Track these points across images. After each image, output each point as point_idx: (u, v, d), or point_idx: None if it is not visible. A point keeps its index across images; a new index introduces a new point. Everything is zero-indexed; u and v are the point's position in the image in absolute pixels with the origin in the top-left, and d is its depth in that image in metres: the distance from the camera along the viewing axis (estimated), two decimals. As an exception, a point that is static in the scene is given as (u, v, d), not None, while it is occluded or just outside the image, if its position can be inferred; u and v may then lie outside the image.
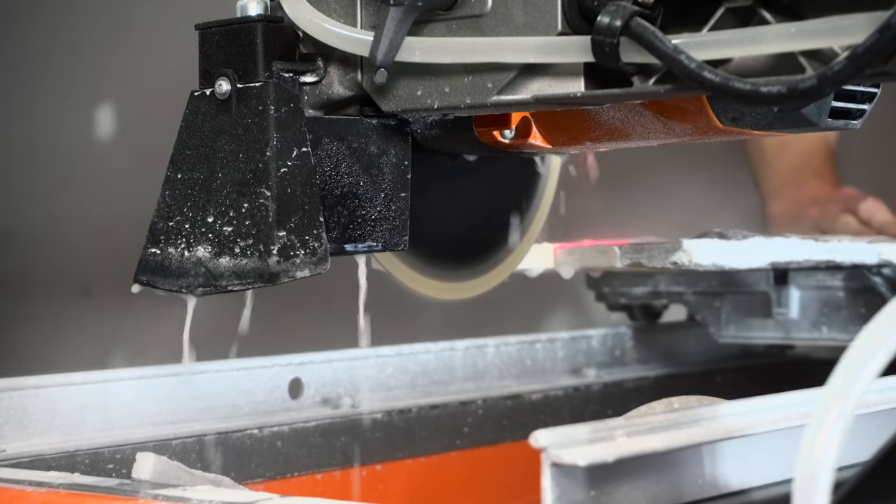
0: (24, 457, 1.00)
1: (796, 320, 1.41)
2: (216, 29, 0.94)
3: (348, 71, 0.94)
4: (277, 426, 1.15)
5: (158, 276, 0.91)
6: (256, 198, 0.89)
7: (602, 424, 0.69)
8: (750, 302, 1.45)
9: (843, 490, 0.62)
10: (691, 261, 1.13)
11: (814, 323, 1.40)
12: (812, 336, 1.40)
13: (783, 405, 0.80)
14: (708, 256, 1.16)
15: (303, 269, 0.89)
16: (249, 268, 0.89)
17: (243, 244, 0.89)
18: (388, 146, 0.98)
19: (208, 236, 0.90)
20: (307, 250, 0.89)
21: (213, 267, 0.90)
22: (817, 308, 1.39)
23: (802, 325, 1.41)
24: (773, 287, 1.41)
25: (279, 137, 0.90)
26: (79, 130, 2.06)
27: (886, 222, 1.87)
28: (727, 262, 1.17)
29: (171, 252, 0.91)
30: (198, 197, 0.91)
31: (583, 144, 1.05)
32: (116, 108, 2.09)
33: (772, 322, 1.43)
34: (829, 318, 1.39)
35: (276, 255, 0.88)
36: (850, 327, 1.36)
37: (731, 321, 1.46)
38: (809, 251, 1.29)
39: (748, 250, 1.21)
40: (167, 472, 0.89)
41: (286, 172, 0.89)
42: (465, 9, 0.89)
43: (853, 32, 0.75)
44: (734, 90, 0.78)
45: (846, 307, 1.38)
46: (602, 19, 0.82)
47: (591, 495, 0.69)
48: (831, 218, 1.90)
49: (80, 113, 2.07)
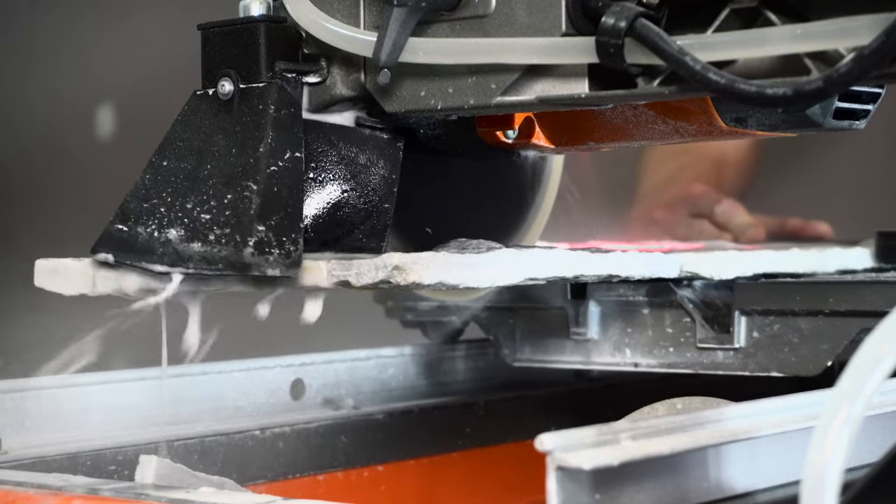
0: (26, 458, 1.00)
1: (597, 341, 1.17)
2: (219, 29, 0.94)
3: (351, 71, 0.94)
4: (279, 427, 1.15)
5: (121, 250, 0.91)
6: (242, 190, 0.89)
7: (607, 427, 0.69)
8: (546, 320, 1.21)
9: (851, 492, 0.61)
10: (407, 279, 0.92)
11: (616, 344, 1.16)
12: (615, 360, 1.16)
13: (789, 407, 0.79)
14: (433, 273, 0.93)
15: (274, 267, 0.89)
16: (221, 255, 0.89)
17: (219, 232, 0.89)
18: (379, 158, 0.98)
19: (184, 221, 0.90)
20: (282, 251, 0.89)
21: (183, 249, 0.89)
22: (620, 327, 1.16)
23: (604, 346, 1.17)
24: (570, 302, 1.18)
25: (274, 136, 0.90)
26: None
27: (743, 224, 1.73)
28: (459, 280, 0.94)
29: (140, 231, 0.91)
30: (181, 184, 0.91)
31: (586, 145, 1.05)
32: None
33: (570, 343, 1.19)
34: (633, 338, 1.15)
35: (252, 247, 0.88)
36: (656, 350, 1.14)
37: (527, 342, 1.22)
38: (581, 265, 1.01)
39: (487, 265, 0.96)
40: (170, 475, 0.89)
41: (276, 171, 0.89)
42: (468, 9, 0.88)
43: (859, 34, 0.74)
44: (740, 91, 0.77)
45: (651, 326, 1.15)
46: (606, 20, 0.82)
47: (595, 499, 0.68)
48: (685, 223, 1.76)
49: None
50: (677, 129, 0.96)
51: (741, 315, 1.09)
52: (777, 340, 1.08)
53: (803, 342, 1.07)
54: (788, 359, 1.07)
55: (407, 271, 0.92)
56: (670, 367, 1.12)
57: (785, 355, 1.07)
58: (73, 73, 2.12)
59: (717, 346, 1.10)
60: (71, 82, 2.11)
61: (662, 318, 1.14)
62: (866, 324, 1.04)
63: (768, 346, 1.08)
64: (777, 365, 1.07)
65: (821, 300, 1.06)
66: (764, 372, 1.08)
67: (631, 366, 1.15)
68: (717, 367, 1.10)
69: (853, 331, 1.05)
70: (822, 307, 1.06)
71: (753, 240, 1.69)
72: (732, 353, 1.09)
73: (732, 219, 1.75)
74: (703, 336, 1.11)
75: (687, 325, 1.12)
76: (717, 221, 1.76)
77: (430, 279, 0.93)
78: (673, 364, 1.12)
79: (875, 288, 1.05)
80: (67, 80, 2.11)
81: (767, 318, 1.08)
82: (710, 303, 1.12)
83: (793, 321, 1.07)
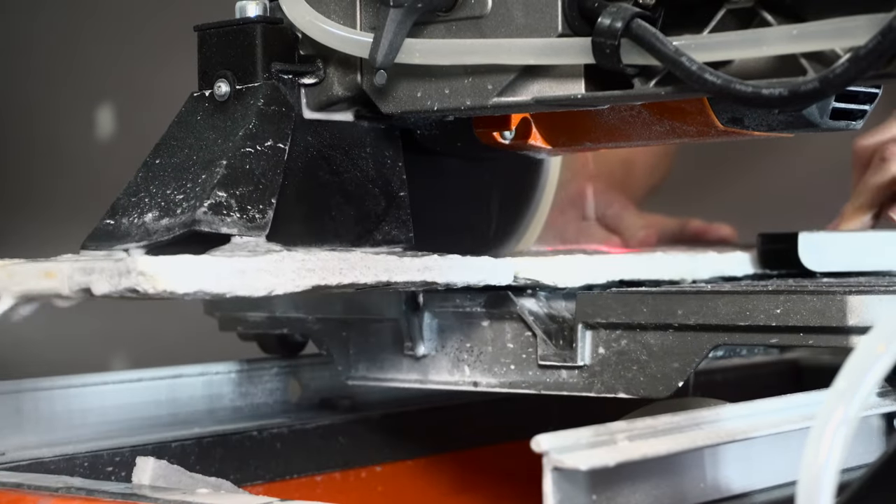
0: (23, 460, 1.00)
1: (433, 357, 1.04)
2: (215, 30, 0.94)
3: (348, 72, 0.94)
4: (277, 428, 1.15)
5: (103, 240, 0.91)
6: (214, 167, 0.89)
7: (604, 428, 0.69)
8: (380, 333, 1.08)
9: (847, 493, 0.61)
10: (156, 287, 0.79)
11: (454, 361, 1.03)
12: (452, 378, 1.03)
13: (785, 408, 0.79)
14: (191, 281, 0.80)
15: (232, 227, 0.87)
16: (180, 221, 0.87)
17: (186, 205, 0.88)
18: (383, 148, 0.98)
19: (161, 204, 0.90)
20: (245, 216, 0.88)
21: (153, 227, 0.89)
22: (458, 342, 1.03)
23: (441, 363, 1.04)
24: (405, 314, 1.05)
25: (256, 125, 0.90)
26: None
27: (634, 226, 1.60)
28: (226, 288, 0.82)
29: (123, 221, 0.91)
30: (167, 176, 0.91)
31: (583, 145, 1.05)
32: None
33: (406, 360, 1.06)
34: (472, 354, 1.02)
35: (206, 207, 0.87)
36: (496, 368, 1.01)
37: (361, 358, 1.09)
38: (389, 270, 0.90)
39: (261, 270, 0.84)
40: (167, 476, 0.89)
41: (251, 153, 0.89)
42: (465, 10, 0.88)
43: (855, 34, 0.74)
44: (736, 92, 0.77)
45: (491, 341, 1.01)
46: (603, 21, 0.82)
47: (592, 499, 0.68)
48: (575, 226, 1.62)
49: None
50: (674, 130, 0.96)
51: (585, 329, 0.96)
52: (625, 358, 0.94)
53: (652, 360, 0.93)
54: (637, 378, 0.94)
55: (155, 278, 0.80)
56: (511, 386, 1.00)
57: (634, 374, 0.94)
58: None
59: (559, 364, 0.97)
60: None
61: (503, 331, 1.01)
62: (720, 339, 0.90)
63: (615, 363, 0.95)
64: (624, 385, 0.94)
65: (669, 312, 0.92)
66: (610, 393, 0.95)
67: (470, 385, 1.03)
68: (560, 388, 0.97)
69: (705, 347, 0.91)
70: (670, 320, 0.92)
71: (644, 243, 1.57)
72: (577, 371, 0.96)
73: (622, 221, 1.62)
74: (545, 352, 0.98)
75: (529, 339, 0.99)
76: (607, 224, 1.63)
77: (188, 287, 0.81)
78: (514, 383, 1.00)
79: (728, 298, 0.90)
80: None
81: (614, 333, 0.95)
82: (556, 315, 1.00)
83: (641, 336, 0.93)
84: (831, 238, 1.16)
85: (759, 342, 0.89)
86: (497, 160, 1.10)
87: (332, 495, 1.17)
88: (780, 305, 0.88)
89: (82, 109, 2.44)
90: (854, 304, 0.86)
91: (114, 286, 0.80)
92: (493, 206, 1.14)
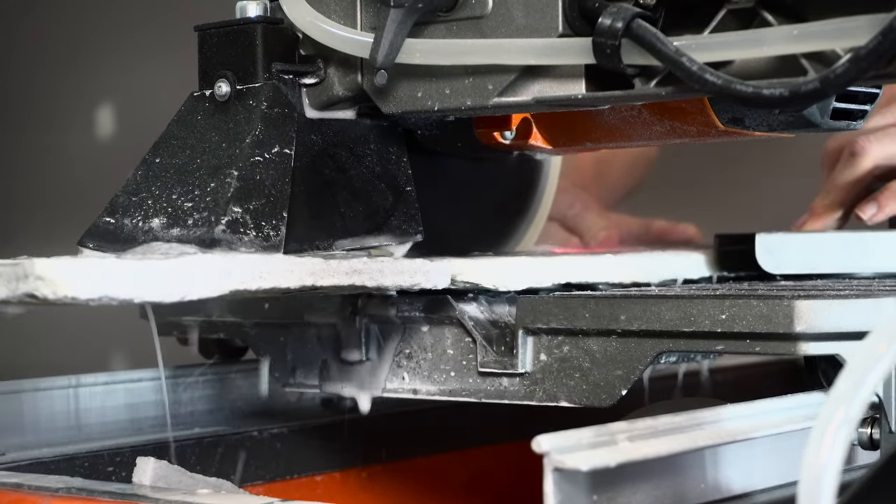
0: (23, 460, 1.00)
1: (372, 364, 1.00)
2: (215, 30, 0.94)
3: (348, 72, 0.94)
4: (277, 428, 1.15)
5: (106, 241, 0.90)
6: (224, 177, 0.89)
7: (604, 429, 0.69)
8: (318, 338, 1.03)
9: (848, 494, 0.61)
10: (57, 293, 0.74)
11: (392, 368, 1.00)
12: (392, 386, 0.99)
13: (786, 408, 0.79)
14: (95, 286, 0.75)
15: (249, 247, 0.86)
16: (194, 236, 0.87)
17: (197, 217, 0.88)
18: (386, 144, 0.98)
19: (167, 210, 0.89)
20: (260, 234, 0.87)
21: (161, 235, 0.88)
22: (397, 348, 0.99)
23: (380, 370, 1.00)
24: (343, 318, 1.01)
25: (263, 130, 0.90)
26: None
27: (594, 227, 1.55)
28: (133, 294, 0.77)
29: (126, 223, 0.90)
30: (170, 178, 0.91)
31: (583, 145, 1.05)
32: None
33: (345, 367, 1.02)
34: (412, 361, 0.99)
35: (224, 225, 0.87)
36: (436, 375, 0.97)
37: (299, 364, 1.05)
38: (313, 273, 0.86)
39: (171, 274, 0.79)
40: (168, 477, 0.89)
41: (260, 161, 0.89)
42: (465, 10, 0.88)
43: (856, 35, 0.74)
44: (736, 92, 0.77)
45: (431, 347, 0.98)
46: (603, 21, 0.81)
47: (593, 500, 0.68)
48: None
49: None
50: (674, 130, 0.96)
51: (526, 335, 0.92)
52: (567, 365, 0.90)
53: (595, 367, 0.89)
54: (579, 386, 0.90)
55: (55, 282, 0.74)
56: (451, 394, 0.96)
57: (576, 382, 0.90)
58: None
59: (500, 371, 0.93)
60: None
61: (443, 337, 0.97)
62: (664, 345, 0.86)
63: (557, 371, 0.91)
64: (566, 393, 0.91)
65: (611, 318, 0.88)
66: (552, 401, 0.91)
67: (409, 393, 0.99)
68: (501, 396, 0.94)
69: (649, 354, 0.87)
70: (613, 326, 0.88)
71: (605, 244, 1.53)
72: (518, 379, 0.93)
73: (583, 221, 1.57)
74: (485, 359, 0.94)
75: (469, 346, 0.96)
76: (567, 225, 1.58)
77: (91, 293, 0.75)
78: (454, 391, 0.96)
79: (672, 303, 0.85)
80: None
81: (556, 339, 0.91)
82: (498, 321, 0.97)
83: (583, 342, 0.90)
84: (790, 239, 1.11)
85: (704, 349, 0.85)
86: (497, 160, 1.10)
87: (332, 495, 1.17)
88: (725, 311, 0.84)
89: (82, 109, 2.44)
90: (802, 310, 0.81)
91: (11, 291, 0.75)
92: (493, 206, 1.14)
